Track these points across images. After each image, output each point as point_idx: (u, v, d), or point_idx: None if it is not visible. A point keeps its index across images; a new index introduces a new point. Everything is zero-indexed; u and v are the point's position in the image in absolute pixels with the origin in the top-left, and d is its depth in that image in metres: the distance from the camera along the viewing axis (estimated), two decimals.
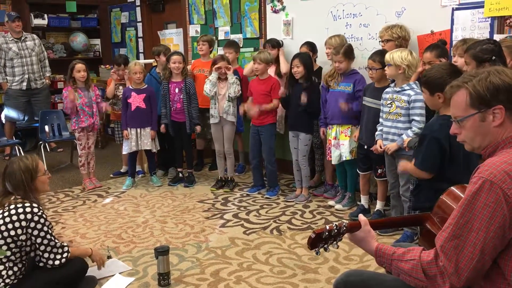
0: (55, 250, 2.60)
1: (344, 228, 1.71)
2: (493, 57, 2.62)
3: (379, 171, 3.85)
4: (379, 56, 3.71)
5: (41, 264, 2.62)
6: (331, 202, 4.35)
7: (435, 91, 2.67)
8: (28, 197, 2.59)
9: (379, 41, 4.01)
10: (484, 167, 1.48)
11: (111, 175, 5.54)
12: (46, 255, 2.58)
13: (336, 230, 1.69)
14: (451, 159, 2.65)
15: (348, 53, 4.03)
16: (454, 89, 1.62)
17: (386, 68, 3.52)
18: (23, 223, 2.50)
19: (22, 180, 2.58)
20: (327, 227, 1.68)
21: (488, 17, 3.61)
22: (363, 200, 4.08)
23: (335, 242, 1.73)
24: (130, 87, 4.99)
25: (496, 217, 1.41)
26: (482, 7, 3.62)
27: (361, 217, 1.77)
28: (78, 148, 5.07)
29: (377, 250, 1.67)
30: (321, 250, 1.71)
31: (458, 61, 3.10)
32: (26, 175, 2.60)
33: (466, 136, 1.62)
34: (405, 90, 3.48)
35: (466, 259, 1.44)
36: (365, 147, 3.87)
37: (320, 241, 1.69)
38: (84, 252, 2.89)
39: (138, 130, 4.97)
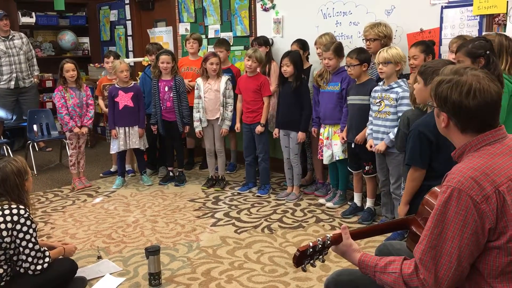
0: (38, 254, 2.57)
1: (328, 242, 1.71)
2: (487, 51, 2.64)
3: (367, 168, 3.88)
4: (356, 53, 3.78)
5: (22, 271, 2.58)
6: (321, 200, 4.36)
7: (430, 81, 2.67)
8: (22, 200, 2.58)
9: (363, 39, 4.03)
10: (452, 175, 1.49)
11: (101, 175, 5.51)
12: (29, 259, 2.54)
13: (320, 246, 1.69)
14: (438, 149, 2.67)
15: (338, 50, 4.04)
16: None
17: (381, 66, 3.49)
18: (9, 225, 2.47)
19: (16, 184, 2.57)
20: (311, 244, 1.68)
21: (477, 15, 3.64)
22: (356, 198, 4.09)
23: (320, 257, 1.73)
24: (117, 85, 4.95)
25: (468, 224, 1.42)
26: (471, 5, 3.64)
27: (344, 229, 1.75)
28: (68, 147, 5.02)
29: (360, 262, 1.68)
30: (308, 266, 1.70)
31: (455, 56, 3.13)
32: (19, 179, 2.59)
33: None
34: (393, 88, 3.51)
35: (444, 268, 1.46)
36: (352, 145, 3.89)
37: (305, 258, 1.69)
38: (58, 253, 2.86)
39: (126, 129, 4.94)
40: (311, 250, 1.67)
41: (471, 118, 1.53)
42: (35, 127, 5.81)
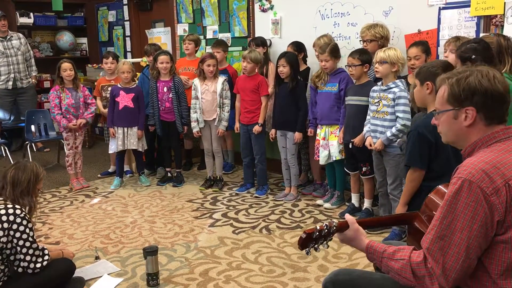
0: (37, 252, 2.57)
1: (334, 227, 1.71)
2: (473, 56, 2.65)
3: (364, 169, 3.89)
4: (358, 53, 3.79)
5: (20, 270, 2.58)
6: (319, 201, 4.36)
7: (425, 80, 2.68)
8: (24, 197, 2.60)
9: (360, 41, 4.04)
10: (463, 168, 1.50)
11: (99, 175, 5.50)
12: (28, 258, 2.54)
13: (326, 230, 1.69)
14: (437, 150, 2.68)
15: (334, 51, 4.04)
16: (440, 82, 1.66)
17: (377, 65, 3.52)
18: (5, 225, 2.47)
19: (29, 180, 2.62)
20: (318, 227, 1.68)
21: (474, 16, 3.65)
22: (354, 199, 4.10)
23: (325, 242, 1.73)
24: (119, 85, 4.95)
25: (477, 215, 1.43)
26: (469, 6, 3.65)
27: (348, 216, 1.77)
28: (65, 148, 5.03)
29: (368, 247, 1.68)
30: (312, 250, 1.72)
31: (450, 56, 3.15)
32: (33, 178, 2.64)
33: (442, 128, 1.67)
34: (391, 88, 3.52)
35: (452, 259, 1.46)
36: (350, 146, 3.90)
37: (310, 241, 1.69)
38: (56, 256, 2.86)
39: (125, 129, 4.94)
40: (317, 233, 1.68)
41: (502, 104, 1.55)
42: (33, 127, 5.81)
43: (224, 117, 4.73)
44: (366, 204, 3.99)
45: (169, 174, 5.18)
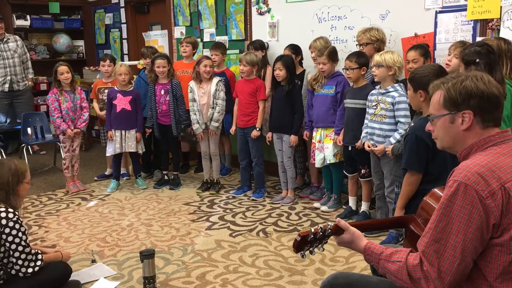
0: (29, 257, 2.56)
1: (329, 230, 1.71)
2: (477, 60, 2.66)
3: (363, 171, 3.89)
4: (355, 56, 3.79)
5: (13, 272, 2.57)
6: (316, 204, 4.36)
7: (418, 88, 2.71)
8: (8, 200, 2.57)
9: (357, 45, 4.05)
10: (459, 171, 1.51)
11: (96, 178, 5.48)
12: (20, 262, 2.54)
13: (321, 233, 1.69)
14: (434, 153, 2.69)
15: (332, 55, 4.05)
16: (434, 88, 1.67)
17: (374, 69, 3.53)
18: None
19: (8, 182, 2.57)
20: (312, 230, 1.68)
21: (471, 20, 3.66)
22: (351, 202, 4.10)
23: (320, 245, 1.73)
24: (116, 88, 4.95)
25: (473, 218, 1.43)
26: (465, 10, 3.67)
27: (340, 221, 1.75)
28: (62, 150, 5.01)
29: (366, 249, 1.68)
30: (307, 253, 1.71)
31: (453, 60, 3.15)
32: (13, 178, 2.59)
33: (437, 134, 1.67)
34: (389, 92, 3.52)
35: (447, 262, 1.46)
36: (349, 148, 3.90)
37: (305, 244, 1.69)
38: (55, 257, 2.85)
39: (123, 132, 4.93)
40: (312, 236, 1.67)
41: (497, 107, 1.57)
42: (29, 130, 5.78)
43: (215, 118, 4.72)
44: (363, 207, 3.98)
45: (166, 177, 5.16)
